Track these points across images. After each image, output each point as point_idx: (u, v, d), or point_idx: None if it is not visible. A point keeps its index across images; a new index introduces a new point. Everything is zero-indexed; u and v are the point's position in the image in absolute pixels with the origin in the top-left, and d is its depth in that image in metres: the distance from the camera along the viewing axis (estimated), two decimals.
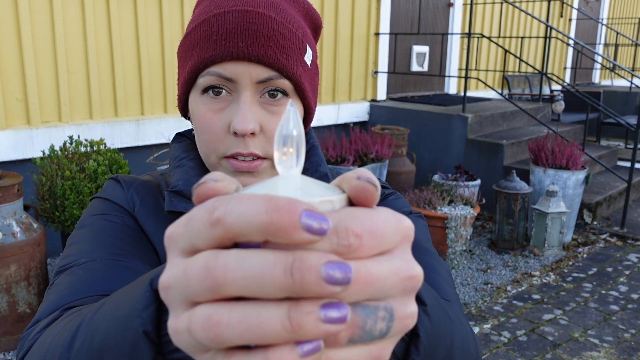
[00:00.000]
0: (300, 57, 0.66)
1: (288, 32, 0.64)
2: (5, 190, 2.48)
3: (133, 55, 3.76)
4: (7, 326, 2.52)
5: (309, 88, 0.68)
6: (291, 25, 0.65)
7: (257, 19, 0.63)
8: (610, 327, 2.96)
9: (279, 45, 0.63)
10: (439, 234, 3.65)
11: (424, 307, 0.43)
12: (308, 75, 0.68)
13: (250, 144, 0.65)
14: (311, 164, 0.78)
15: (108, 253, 0.65)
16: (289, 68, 0.64)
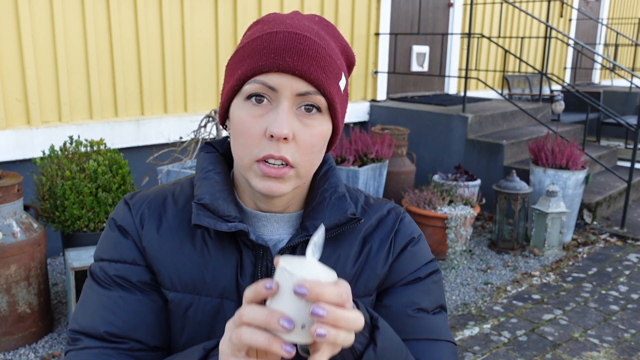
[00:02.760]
0: (337, 81, 0.74)
1: (328, 56, 0.73)
2: (5, 190, 2.48)
3: (133, 55, 3.76)
4: (7, 326, 2.52)
5: (339, 109, 0.76)
6: (332, 52, 0.74)
7: (305, 41, 0.72)
8: (610, 327, 2.96)
9: (320, 65, 0.72)
10: (439, 234, 3.65)
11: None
12: (340, 99, 0.76)
13: (282, 149, 0.72)
14: (330, 185, 0.83)
15: (104, 339, 0.78)
16: (327, 86, 0.72)
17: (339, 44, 0.79)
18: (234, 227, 0.76)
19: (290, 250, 0.81)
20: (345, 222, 0.81)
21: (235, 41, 4.30)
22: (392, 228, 0.87)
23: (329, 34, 0.78)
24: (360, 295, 0.84)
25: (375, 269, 0.85)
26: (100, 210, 2.78)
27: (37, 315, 2.62)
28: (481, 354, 2.67)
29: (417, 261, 0.88)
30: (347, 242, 0.84)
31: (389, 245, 0.86)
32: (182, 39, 3.99)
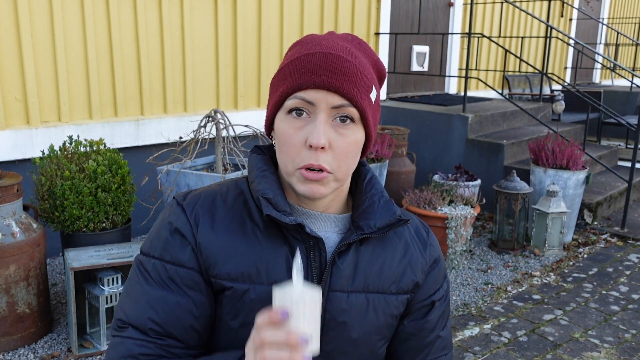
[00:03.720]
0: (367, 94, 0.84)
1: (359, 72, 0.83)
2: (4, 190, 2.47)
3: (133, 55, 3.75)
4: (6, 326, 2.51)
5: (371, 119, 0.86)
6: (363, 68, 0.84)
7: (337, 59, 0.81)
8: (611, 327, 2.95)
9: (352, 81, 0.81)
10: (439, 234, 3.64)
11: None
12: (372, 109, 0.86)
13: (320, 157, 0.81)
14: (377, 190, 0.94)
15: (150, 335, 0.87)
16: (358, 99, 0.82)
17: (370, 59, 0.88)
18: (294, 220, 0.85)
19: (346, 247, 0.90)
20: (395, 222, 0.92)
21: (235, 41, 4.30)
22: (426, 240, 1.00)
23: (361, 50, 0.87)
24: (401, 292, 0.95)
25: (415, 272, 0.96)
26: (100, 210, 2.78)
27: (37, 315, 2.61)
28: (481, 354, 2.67)
29: (439, 279, 1.01)
30: (392, 244, 0.95)
31: (425, 255, 0.98)
32: (182, 38, 3.98)
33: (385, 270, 0.92)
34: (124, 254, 2.59)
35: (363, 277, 0.90)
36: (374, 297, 0.91)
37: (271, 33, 4.52)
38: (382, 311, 0.92)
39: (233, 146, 3.01)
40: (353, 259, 0.90)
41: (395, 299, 0.93)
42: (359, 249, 0.91)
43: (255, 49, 4.45)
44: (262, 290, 0.86)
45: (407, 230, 0.98)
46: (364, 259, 0.91)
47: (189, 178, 2.93)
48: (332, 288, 0.88)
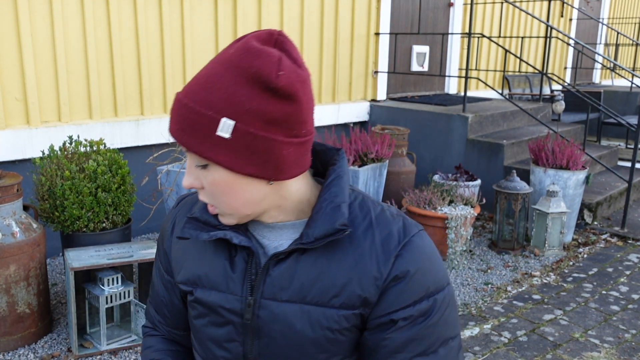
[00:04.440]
0: (209, 135, 0.76)
1: (198, 116, 0.76)
2: (4, 190, 2.47)
3: (133, 55, 3.75)
4: (6, 326, 2.51)
5: (226, 157, 0.77)
6: (204, 107, 0.76)
7: (181, 110, 0.78)
8: (611, 327, 2.95)
9: (187, 132, 0.78)
10: (439, 234, 3.64)
11: None
12: (227, 147, 0.76)
13: (200, 194, 0.86)
14: (330, 194, 0.86)
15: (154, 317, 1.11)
16: (194, 147, 0.78)
17: (242, 75, 0.75)
18: (214, 235, 0.88)
19: (286, 255, 0.88)
20: (333, 232, 0.84)
21: None
22: (392, 251, 0.86)
23: (233, 66, 0.75)
24: (345, 308, 0.86)
25: (363, 287, 0.86)
26: (100, 210, 2.78)
27: (37, 315, 2.61)
28: (481, 354, 2.67)
29: (408, 297, 0.86)
30: (342, 252, 0.87)
31: (384, 268, 0.86)
32: (182, 38, 3.98)
33: (326, 282, 0.86)
34: (124, 254, 2.59)
35: (299, 287, 0.87)
36: (310, 309, 0.87)
37: None
38: (318, 325, 0.87)
39: None
40: (290, 268, 0.87)
41: (336, 314, 0.87)
42: (299, 258, 0.87)
43: None
44: (206, 295, 0.93)
45: (370, 239, 0.87)
46: (303, 269, 0.87)
47: None
48: (264, 296, 0.88)
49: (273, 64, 0.74)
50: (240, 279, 0.90)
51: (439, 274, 0.89)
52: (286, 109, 0.76)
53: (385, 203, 0.96)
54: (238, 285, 0.90)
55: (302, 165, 0.83)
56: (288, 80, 0.75)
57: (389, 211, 0.92)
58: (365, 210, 0.90)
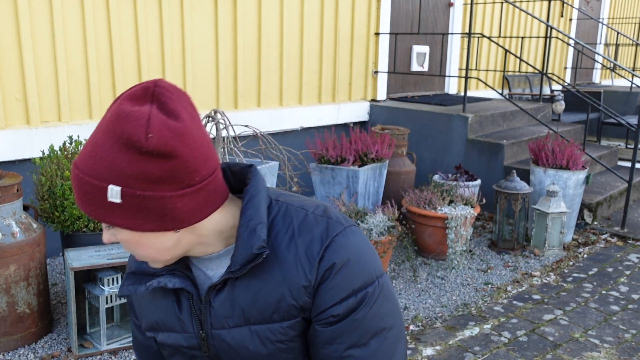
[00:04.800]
0: (102, 202, 0.79)
1: (89, 187, 0.79)
2: (4, 190, 2.47)
3: (132, 55, 3.75)
4: (6, 327, 2.51)
5: (123, 220, 0.80)
6: (92, 177, 0.78)
7: (75, 180, 0.81)
8: (611, 327, 2.95)
9: (84, 200, 0.80)
10: (439, 234, 3.64)
11: None
12: (121, 210, 0.79)
13: (123, 247, 0.93)
14: (245, 219, 0.88)
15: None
16: (93, 213, 0.81)
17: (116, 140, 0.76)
18: (150, 286, 0.93)
19: (222, 285, 0.93)
20: (253, 258, 0.87)
21: (235, 41, 4.29)
22: (316, 256, 0.89)
23: (109, 132, 0.77)
24: (286, 319, 0.91)
25: (296, 297, 0.90)
26: None
27: (37, 315, 2.61)
28: (481, 354, 2.67)
29: (338, 292, 0.89)
30: (269, 271, 0.90)
31: (310, 275, 0.89)
32: (182, 38, 3.98)
33: (262, 302, 0.90)
34: (124, 254, 2.59)
35: (241, 312, 0.91)
36: (257, 328, 0.92)
37: (271, 33, 4.52)
38: (268, 340, 0.92)
39: (233, 146, 3.01)
40: (228, 296, 0.92)
41: (280, 327, 0.91)
42: (235, 284, 0.91)
43: (255, 49, 4.44)
44: (165, 337, 1.00)
45: (294, 250, 0.89)
46: (240, 294, 0.91)
47: None
48: (213, 327, 0.94)
49: (141, 127, 0.75)
50: (189, 317, 0.96)
51: (367, 269, 0.91)
52: (167, 166, 0.77)
53: (314, 204, 0.95)
54: (189, 324, 0.96)
55: (207, 207, 0.85)
56: (160, 140, 0.75)
57: (313, 215, 0.92)
58: (288, 221, 0.91)
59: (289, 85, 4.72)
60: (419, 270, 3.63)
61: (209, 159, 0.82)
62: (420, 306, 3.16)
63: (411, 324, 2.95)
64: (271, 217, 0.92)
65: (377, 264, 0.94)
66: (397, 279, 3.50)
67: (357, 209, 3.41)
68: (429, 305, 3.17)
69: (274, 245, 0.90)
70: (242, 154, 3.07)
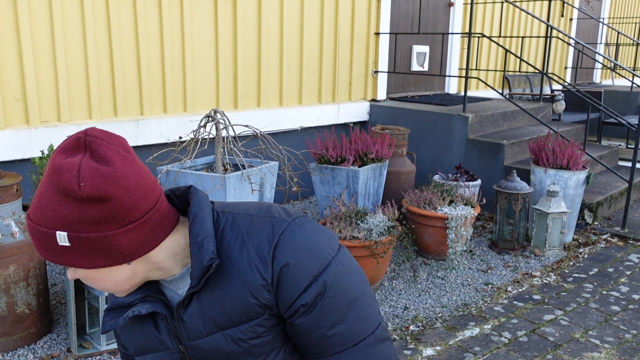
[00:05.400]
0: (53, 246, 0.86)
1: (40, 235, 0.86)
2: (4, 190, 2.47)
3: (132, 55, 3.75)
4: (5, 327, 2.51)
5: (76, 260, 0.87)
6: (41, 225, 0.85)
7: (30, 228, 0.87)
8: (612, 327, 2.95)
9: (39, 246, 0.87)
10: (440, 234, 3.64)
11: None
12: (72, 252, 0.86)
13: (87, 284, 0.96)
14: (193, 236, 0.94)
15: None
16: (48, 257, 0.87)
17: (57, 190, 0.84)
18: (127, 317, 0.99)
19: (188, 300, 0.99)
20: (206, 270, 0.94)
21: (235, 41, 4.29)
22: (267, 256, 0.95)
23: (50, 184, 0.84)
24: (253, 318, 0.97)
25: (257, 296, 0.95)
26: None
27: (36, 315, 2.61)
28: (482, 355, 2.67)
29: (299, 284, 0.95)
30: (228, 278, 0.96)
31: (266, 274, 0.95)
32: (182, 38, 3.98)
33: (228, 307, 0.97)
34: None
35: (211, 321, 0.98)
36: (228, 332, 0.99)
37: (271, 33, 4.51)
38: (241, 340, 0.99)
39: (233, 146, 3.00)
40: (197, 308, 0.99)
41: (248, 327, 0.98)
42: (200, 297, 0.98)
43: (255, 49, 4.44)
44: (151, 358, 1.07)
45: (246, 255, 0.95)
46: (206, 304, 0.98)
47: (188, 178, 2.93)
48: (190, 339, 1.01)
49: (73, 178, 0.82)
50: (167, 335, 1.03)
51: (320, 254, 0.96)
52: (105, 208, 0.84)
53: (259, 208, 1.02)
54: (168, 341, 1.04)
55: (155, 237, 0.91)
56: (92, 187, 0.82)
57: (258, 218, 0.99)
58: (236, 229, 0.98)
59: (289, 85, 4.72)
60: (419, 271, 3.63)
61: (148, 194, 0.88)
62: (420, 306, 3.15)
63: (411, 324, 2.94)
64: (220, 228, 0.98)
65: (329, 245, 0.99)
66: (397, 279, 3.49)
67: (357, 209, 3.41)
68: (429, 305, 3.17)
69: (227, 254, 0.96)
70: (242, 154, 3.07)
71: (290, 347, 1.05)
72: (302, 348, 1.03)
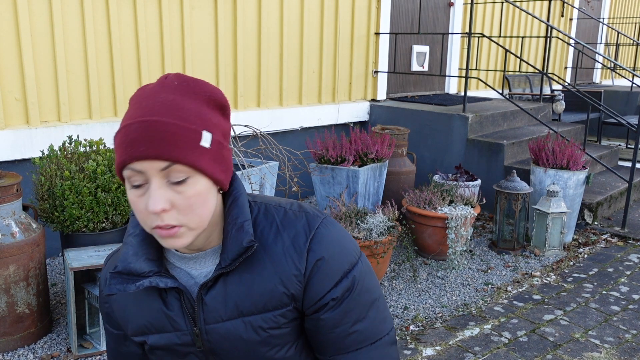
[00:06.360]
0: (195, 145, 0.83)
1: (179, 129, 0.82)
2: (4, 190, 2.47)
3: (132, 55, 3.75)
4: (5, 327, 2.51)
5: (209, 165, 0.86)
6: (184, 122, 0.83)
7: (153, 126, 0.82)
8: (612, 327, 2.95)
9: (170, 143, 0.82)
10: (439, 234, 3.64)
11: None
12: (208, 155, 0.86)
13: (165, 218, 0.85)
14: (232, 218, 0.95)
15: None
16: (182, 158, 0.82)
17: (201, 97, 0.87)
18: (141, 285, 0.95)
19: (213, 282, 0.97)
20: (244, 251, 0.93)
21: (235, 41, 4.29)
22: (303, 247, 0.97)
23: (190, 92, 0.87)
24: (278, 308, 0.98)
25: (287, 286, 0.97)
26: (100, 210, 2.78)
27: (36, 315, 2.61)
28: (481, 355, 2.67)
29: (330, 279, 0.98)
30: (260, 263, 0.97)
31: (300, 264, 0.96)
32: (182, 38, 3.98)
33: (255, 293, 0.97)
34: None
35: (234, 305, 0.97)
36: (250, 319, 0.98)
37: (271, 33, 4.51)
38: (260, 329, 0.99)
39: (233, 146, 3.00)
40: (221, 291, 0.97)
41: (272, 315, 0.98)
42: (226, 280, 0.97)
43: (255, 49, 4.44)
44: (156, 339, 1.02)
45: (281, 243, 0.97)
46: (232, 288, 0.97)
47: None
48: (207, 323, 0.99)
49: (218, 91, 0.89)
50: (180, 315, 1.00)
51: (350, 252, 1.00)
52: (228, 125, 0.92)
53: (288, 202, 1.04)
54: (181, 322, 1.00)
55: (230, 170, 0.94)
56: (227, 103, 0.92)
57: (291, 211, 1.01)
58: (271, 218, 0.99)
59: (289, 85, 4.72)
60: (419, 271, 3.63)
61: None
62: (420, 306, 3.16)
63: (411, 324, 2.94)
64: (253, 216, 0.99)
65: (355, 245, 1.03)
66: (397, 279, 3.49)
67: (357, 209, 3.41)
68: (429, 305, 3.17)
69: (261, 240, 0.97)
70: (242, 154, 3.07)
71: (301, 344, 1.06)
72: (320, 344, 1.04)
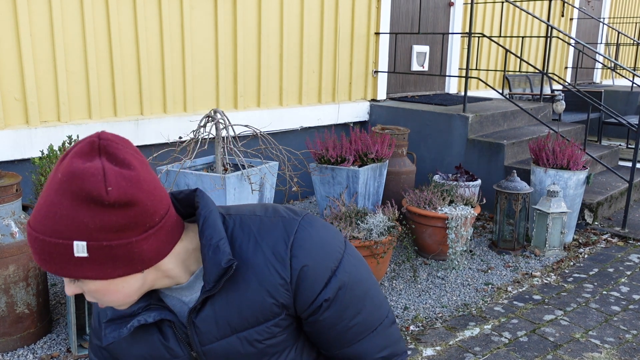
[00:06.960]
0: (68, 258, 0.80)
1: (52, 247, 0.80)
2: (3, 190, 2.47)
3: (132, 54, 3.75)
4: (5, 327, 2.51)
5: (92, 271, 0.83)
6: (56, 237, 0.79)
7: (31, 238, 0.82)
8: (612, 327, 2.94)
9: (48, 261, 0.81)
10: (440, 234, 3.63)
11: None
12: (89, 263, 0.82)
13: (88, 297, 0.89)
14: (206, 239, 0.93)
15: None
16: (59, 271, 0.82)
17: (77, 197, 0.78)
18: (132, 326, 0.96)
19: (201, 305, 0.96)
20: (224, 272, 0.92)
21: (235, 41, 4.29)
22: (284, 255, 0.94)
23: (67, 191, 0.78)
24: (270, 319, 0.97)
25: (275, 296, 0.95)
26: None
27: (36, 315, 2.61)
28: (482, 355, 2.66)
29: (318, 282, 0.96)
30: (244, 279, 0.95)
31: (284, 273, 0.95)
32: (182, 38, 3.98)
33: (244, 309, 0.96)
34: None
35: (226, 324, 0.97)
36: (244, 334, 0.98)
37: (271, 33, 4.51)
38: (256, 342, 0.99)
39: (233, 146, 3.00)
40: (210, 313, 0.97)
41: (265, 327, 0.98)
42: (214, 301, 0.96)
43: (255, 49, 4.44)
44: None
45: (262, 255, 0.94)
46: (220, 308, 0.96)
47: (188, 178, 2.92)
48: (202, 344, 0.99)
49: (99, 182, 0.77)
50: (176, 343, 1.00)
51: (334, 249, 0.98)
52: (129, 214, 0.80)
53: (263, 208, 1.01)
54: (178, 349, 1.01)
55: (170, 242, 0.89)
56: (119, 191, 0.78)
57: (267, 218, 0.99)
58: (247, 230, 0.97)
59: (289, 85, 4.72)
60: (419, 271, 3.62)
61: (163, 198, 0.86)
62: (420, 306, 3.15)
63: (411, 324, 2.94)
64: (229, 230, 0.97)
65: (338, 238, 1.01)
66: (397, 279, 3.49)
67: (357, 209, 3.41)
68: (429, 305, 3.17)
69: (241, 255, 0.95)
70: (242, 154, 3.06)
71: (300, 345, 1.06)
72: (322, 343, 1.04)
